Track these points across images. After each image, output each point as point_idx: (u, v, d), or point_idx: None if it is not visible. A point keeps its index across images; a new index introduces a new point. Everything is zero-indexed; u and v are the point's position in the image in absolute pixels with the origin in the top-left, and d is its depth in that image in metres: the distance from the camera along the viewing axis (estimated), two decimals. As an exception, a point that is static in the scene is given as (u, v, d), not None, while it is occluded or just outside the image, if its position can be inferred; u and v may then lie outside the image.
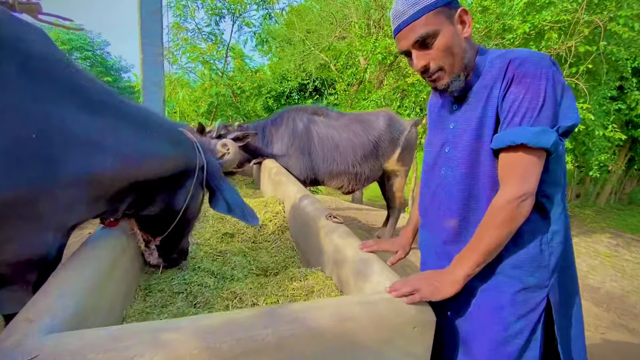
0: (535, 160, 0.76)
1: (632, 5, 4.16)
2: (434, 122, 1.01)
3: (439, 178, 0.93)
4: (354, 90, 7.50)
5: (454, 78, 0.85)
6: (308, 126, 2.84)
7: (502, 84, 0.80)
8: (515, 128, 0.77)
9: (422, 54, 0.83)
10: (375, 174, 3.01)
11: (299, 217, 1.59)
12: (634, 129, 7.07)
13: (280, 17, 7.31)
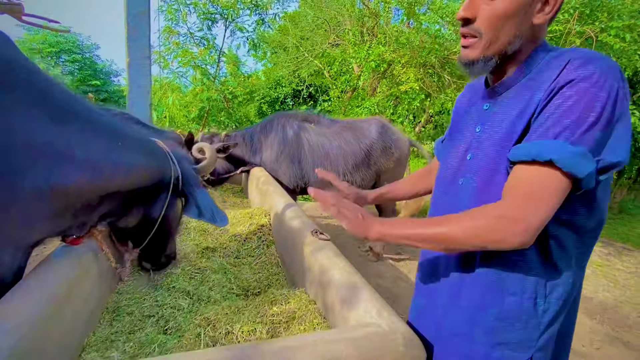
0: (558, 187, 0.57)
1: (622, 16, 4.20)
2: (458, 124, 0.82)
3: (456, 188, 0.76)
4: (347, 97, 7.47)
5: (484, 58, 0.67)
6: (298, 133, 2.77)
7: (551, 85, 0.60)
8: (548, 140, 0.58)
9: (475, 3, 0.65)
10: (367, 183, 2.93)
11: (285, 231, 1.50)
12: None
13: (274, 23, 7.26)
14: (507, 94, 0.70)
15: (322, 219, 4.50)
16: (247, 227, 1.76)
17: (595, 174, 0.57)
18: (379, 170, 2.92)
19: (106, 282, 1.20)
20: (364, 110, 6.19)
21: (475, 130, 0.74)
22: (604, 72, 0.57)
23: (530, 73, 0.67)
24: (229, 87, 5.89)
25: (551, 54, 0.66)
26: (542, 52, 0.67)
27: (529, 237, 0.57)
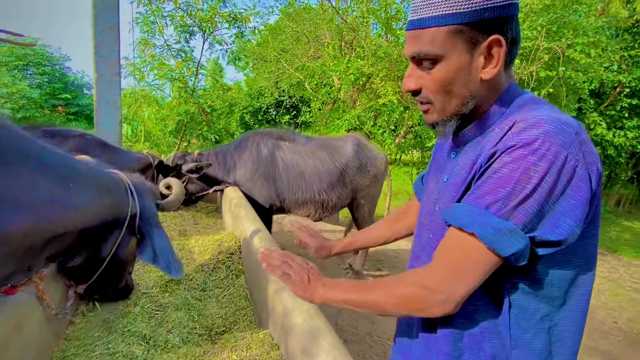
0: (483, 261, 0.55)
1: (587, 33, 4.41)
2: (434, 169, 0.81)
3: (425, 239, 0.74)
4: (328, 109, 7.50)
5: (442, 121, 0.65)
6: (273, 152, 2.71)
7: (493, 148, 0.57)
8: (477, 208, 0.55)
9: (416, 74, 0.64)
10: (343, 202, 2.90)
11: (253, 262, 1.43)
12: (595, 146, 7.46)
13: (254, 35, 7.25)
14: (467, 146, 0.68)
15: (302, 234, 4.43)
16: (216, 255, 1.67)
17: (526, 250, 0.53)
18: (355, 188, 2.89)
19: (52, 329, 1.10)
20: (345, 123, 6.22)
21: (444, 180, 0.72)
22: (549, 138, 0.52)
23: (487, 129, 0.65)
24: (207, 100, 5.79)
25: (510, 109, 0.64)
26: (502, 106, 0.64)
27: (450, 308, 0.56)
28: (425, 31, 0.60)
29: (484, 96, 0.64)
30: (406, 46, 0.64)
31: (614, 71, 6.51)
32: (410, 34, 0.63)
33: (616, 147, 7.12)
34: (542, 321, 0.60)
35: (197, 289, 1.49)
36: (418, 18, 0.61)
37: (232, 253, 1.68)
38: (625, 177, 8.90)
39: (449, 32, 0.58)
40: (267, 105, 14.02)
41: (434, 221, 0.70)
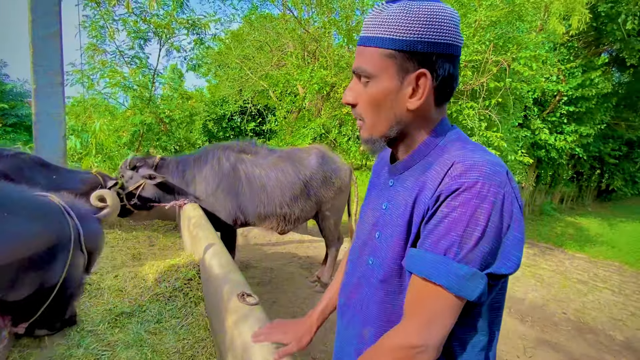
0: (450, 307, 0.56)
1: (529, 47, 4.79)
2: (374, 193, 0.79)
3: (364, 267, 0.73)
4: (293, 117, 7.48)
5: (372, 140, 0.67)
6: (235, 165, 2.63)
7: (437, 188, 0.59)
8: (437, 256, 0.56)
9: (356, 88, 0.66)
10: (307, 214, 2.87)
11: (213, 288, 1.36)
12: (538, 149, 8.11)
13: (215, 42, 7.06)
14: (404, 176, 0.69)
15: (269, 246, 4.34)
16: (173, 282, 1.57)
17: (485, 288, 0.55)
18: (320, 201, 2.88)
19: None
20: (310, 131, 6.22)
21: (382, 207, 0.72)
22: (487, 180, 0.55)
23: (422, 160, 0.67)
24: (164, 110, 5.52)
25: (444, 142, 0.66)
26: (436, 137, 0.67)
27: (433, 356, 0.57)
28: (366, 49, 0.63)
29: (413, 126, 0.66)
30: (355, 59, 0.67)
31: (554, 81, 7.15)
32: (357, 49, 0.67)
33: (558, 150, 7.79)
34: (482, 352, 0.64)
35: (151, 322, 1.38)
36: (364, 35, 0.64)
37: (191, 279, 1.59)
38: (566, 176, 9.76)
39: (383, 55, 0.61)
40: (231, 113, 13.71)
41: (376, 248, 0.71)
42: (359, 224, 0.81)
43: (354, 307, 0.75)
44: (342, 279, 0.85)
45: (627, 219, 9.28)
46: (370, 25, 0.63)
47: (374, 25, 0.62)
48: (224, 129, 14.31)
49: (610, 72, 8.15)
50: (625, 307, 4.42)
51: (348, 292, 0.78)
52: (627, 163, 10.06)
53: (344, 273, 0.84)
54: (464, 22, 4.53)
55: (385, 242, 0.68)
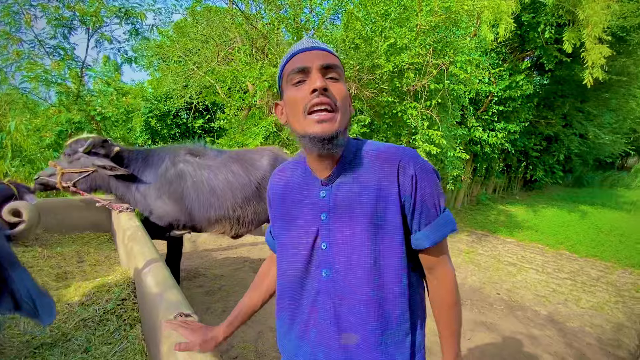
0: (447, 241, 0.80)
1: (464, 52, 5.17)
2: (290, 213, 0.81)
3: (318, 282, 0.75)
4: (244, 115, 7.26)
5: (341, 132, 0.71)
6: (181, 169, 2.49)
7: (401, 178, 0.73)
8: (440, 217, 0.75)
9: (325, 79, 0.71)
10: (261, 217, 2.81)
11: (149, 308, 1.26)
12: (474, 145, 8.86)
13: (156, 34, 6.56)
14: (342, 179, 0.76)
15: (219, 252, 4.18)
16: (104, 304, 1.43)
17: None
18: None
19: None
20: (262, 130, 6.10)
21: (320, 218, 0.75)
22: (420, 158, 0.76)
23: (353, 156, 0.77)
24: (95, 107, 5.01)
25: (354, 147, 0.79)
26: (349, 144, 0.79)
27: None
28: (330, 55, 0.74)
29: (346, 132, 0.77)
30: (305, 60, 0.71)
31: (486, 83, 7.81)
32: (311, 52, 0.72)
33: (491, 145, 8.57)
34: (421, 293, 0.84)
35: (77, 351, 1.25)
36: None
37: (125, 299, 1.46)
38: (498, 169, 10.78)
39: (340, 63, 0.75)
40: (176, 109, 12.87)
41: (327, 258, 0.75)
42: (280, 246, 0.84)
43: (317, 325, 0.76)
44: (281, 304, 0.84)
45: (547, 205, 10.54)
46: (321, 44, 0.75)
47: (324, 44, 0.76)
48: (169, 126, 13.39)
49: (532, 75, 9.13)
50: (548, 284, 5.01)
51: (302, 313, 0.78)
52: (547, 156, 11.40)
53: (281, 299, 0.84)
54: (406, 25, 4.75)
55: (345, 246, 0.73)
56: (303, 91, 0.71)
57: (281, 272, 0.83)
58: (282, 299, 0.83)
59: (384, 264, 0.71)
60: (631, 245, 6.81)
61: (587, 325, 3.79)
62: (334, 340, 0.73)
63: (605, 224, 8.40)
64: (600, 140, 10.77)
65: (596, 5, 6.39)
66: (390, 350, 0.72)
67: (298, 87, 0.72)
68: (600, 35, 6.49)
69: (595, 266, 5.85)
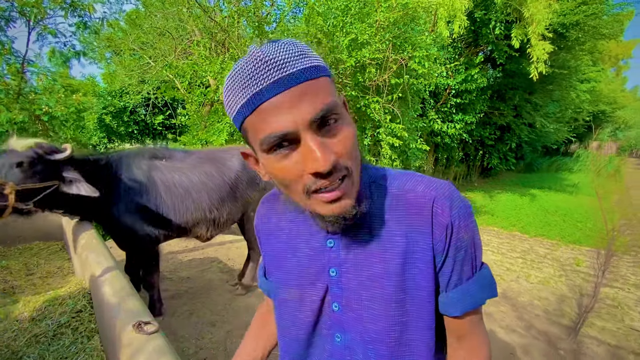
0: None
1: (422, 47, 5.37)
2: (279, 258, 0.66)
3: (331, 346, 0.62)
4: (206, 111, 7.04)
5: (359, 194, 0.53)
6: (148, 174, 2.33)
7: (435, 229, 0.55)
8: (476, 276, 0.59)
9: (324, 142, 0.46)
10: (234, 217, 2.78)
11: (107, 319, 1.23)
12: (434, 136, 9.28)
13: (105, 27, 6.14)
14: (356, 224, 0.58)
15: (185, 254, 4.09)
16: (57, 318, 1.37)
17: None
18: (246, 202, 2.82)
19: None
20: (226, 126, 5.96)
21: (329, 274, 0.60)
22: (463, 200, 0.58)
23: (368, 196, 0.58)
24: (40, 105, 4.63)
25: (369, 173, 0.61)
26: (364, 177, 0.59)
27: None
28: (313, 82, 0.46)
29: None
30: (281, 117, 0.45)
31: (444, 77, 8.19)
32: (283, 96, 0.44)
33: (450, 136, 9.03)
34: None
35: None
36: (294, 70, 0.45)
37: (80, 310, 1.41)
38: (457, 158, 11.39)
39: (331, 81, 0.50)
40: (133, 105, 12.15)
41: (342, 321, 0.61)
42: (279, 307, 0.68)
43: None
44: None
45: (502, 190, 11.31)
46: (293, 58, 0.46)
47: (299, 56, 0.46)
48: (126, 123, 12.64)
49: (486, 69, 9.68)
50: (502, 264, 5.42)
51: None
52: (501, 144, 12.21)
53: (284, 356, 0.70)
54: (367, 21, 4.84)
55: (361, 312, 0.58)
56: (294, 165, 0.47)
57: (282, 329, 0.69)
58: (285, 356, 0.70)
59: (413, 338, 0.58)
60: (573, 224, 7.52)
61: (536, 299, 4.16)
62: None
63: (552, 205, 9.19)
64: (546, 129, 11.71)
65: (539, 4, 6.88)
66: None
67: (282, 156, 0.48)
68: (543, 32, 7.02)
69: (542, 244, 6.41)
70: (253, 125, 0.47)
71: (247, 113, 0.47)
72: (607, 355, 2.97)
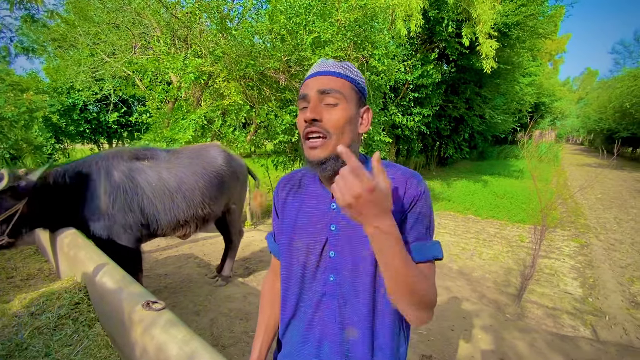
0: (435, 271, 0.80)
1: (381, 45, 5.69)
2: (297, 221, 0.86)
3: (324, 285, 0.83)
4: (169, 108, 6.87)
5: (333, 157, 0.76)
6: (131, 176, 2.28)
7: (405, 198, 0.78)
8: (429, 242, 0.79)
9: (320, 106, 0.76)
10: (219, 212, 2.88)
11: (109, 305, 1.35)
12: (395, 129, 9.79)
13: (53, 19, 5.75)
14: None
15: (159, 252, 4.09)
16: (56, 311, 1.45)
17: None
18: (229, 196, 2.93)
19: None
20: (191, 123, 5.89)
21: (330, 229, 0.82)
22: (425, 184, 0.82)
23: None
24: (-13, 106, 4.32)
25: (366, 161, 0.86)
26: (361, 157, 0.87)
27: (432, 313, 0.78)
28: (339, 79, 0.78)
29: (356, 146, 0.82)
30: (310, 85, 0.78)
31: (402, 72, 8.65)
32: (317, 78, 0.78)
33: (409, 128, 9.58)
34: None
35: (37, 357, 1.28)
36: (331, 70, 0.78)
37: (78, 302, 1.50)
38: (417, 149, 12.08)
39: (352, 88, 0.79)
40: (83, 102, 11.32)
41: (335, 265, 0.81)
42: (288, 251, 0.88)
43: (322, 321, 0.83)
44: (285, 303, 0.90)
45: (457, 178, 12.20)
46: (337, 66, 0.79)
47: (339, 68, 0.79)
48: (76, 122, 11.77)
49: (440, 65, 10.32)
50: (458, 244, 5.96)
51: (305, 312, 0.85)
52: (455, 135, 13.11)
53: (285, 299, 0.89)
54: (328, 20, 5.04)
55: (352, 255, 0.79)
56: (302, 117, 0.78)
57: (287, 274, 0.88)
58: (286, 299, 0.89)
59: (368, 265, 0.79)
60: (518, 206, 8.37)
61: (487, 273, 4.68)
62: (337, 335, 0.81)
63: (501, 189, 10.11)
64: (495, 120, 12.75)
65: (484, 6, 7.51)
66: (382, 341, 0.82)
67: (302, 112, 0.79)
68: (489, 31, 7.68)
69: (493, 225, 7.11)
70: (300, 90, 0.81)
71: (302, 84, 0.82)
72: (545, 316, 3.50)
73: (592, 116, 24.85)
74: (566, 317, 3.49)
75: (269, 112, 5.84)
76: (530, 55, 14.43)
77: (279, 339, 0.95)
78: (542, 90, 22.35)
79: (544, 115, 26.79)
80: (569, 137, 44.38)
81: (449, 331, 2.88)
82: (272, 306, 0.99)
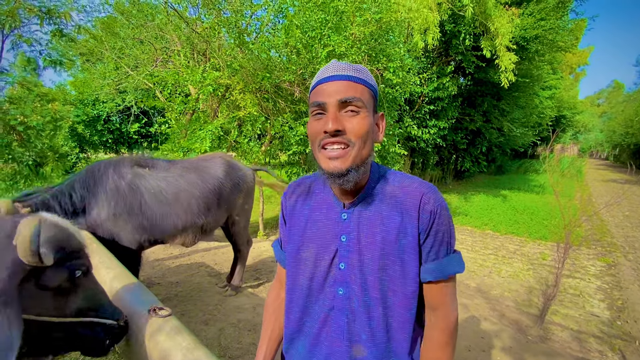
0: (455, 284, 0.79)
1: (396, 59, 5.71)
2: (302, 227, 0.83)
3: (333, 299, 0.78)
4: (187, 119, 7.06)
5: (356, 167, 0.72)
6: (133, 182, 2.36)
7: (421, 214, 0.74)
8: (449, 256, 0.76)
9: (340, 116, 0.70)
10: (219, 222, 2.90)
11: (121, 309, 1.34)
12: (411, 141, 9.71)
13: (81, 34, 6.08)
14: (365, 206, 0.78)
15: (172, 260, 4.12)
16: (66, 314, 1.46)
17: None
18: (230, 207, 2.94)
19: None
20: (208, 134, 6.02)
21: (340, 240, 0.78)
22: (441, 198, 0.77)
23: (372, 190, 0.79)
24: (15, 116, 4.55)
25: (380, 174, 0.82)
26: (374, 171, 0.81)
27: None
28: (358, 85, 0.72)
29: (372, 158, 0.78)
30: (325, 92, 0.71)
31: (418, 85, 8.64)
32: (333, 83, 0.71)
33: (425, 141, 9.48)
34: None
35: None
36: (346, 73, 0.72)
37: (88, 307, 1.50)
38: (433, 162, 11.93)
39: (370, 94, 0.74)
40: (107, 113, 11.81)
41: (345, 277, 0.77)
42: (294, 261, 0.84)
43: (329, 338, 0.79)
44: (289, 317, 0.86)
45: (475, 192, 11.90)
46: (350, 69, 0.73)
47: (356, 72, 0.73)
48: (100, 132, 12.26)
49: (456, 78, 10.26)
50: (476, 260, 5.75)
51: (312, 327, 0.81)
52: (473, 148, 12.88)
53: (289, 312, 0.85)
54: (343, 34, 5.11)
55: (362, 268, 0.75)
56: (319, 125, 0.72)
57: (292, 285, 0.85)
58: (290, 312, 0.85)
59: (398, 290, 0.75)
60: (539, 222, 8.06)
61: (507, 291, 4.47)
62: (344, 353, 0.77)
63: (520, 205, 9.78)
64: (513, 133, 12.47)
65: (502, 19, 7.46)
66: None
67: (317, 118, 0.73)
68: (508, 44, 7.60)
69: (512, 241, 6.84)
70: (311, 96, 0.76)
71: (312, 89, 0.76)
72: (570, 339, 3.29)
73: (617, 130, 23.99)
74: (593, 341, 3.27)
75: (284, 124, 5.91)
76: (550, 68, 14.17)
77: (282, 354, 0.91)
78: (562, 103, 21.82)
79: (565, 129, 26.06)
80: (593, 151, 42.86)
81: (465, 351, 2.74)
82: (276, 316, 0.97)
